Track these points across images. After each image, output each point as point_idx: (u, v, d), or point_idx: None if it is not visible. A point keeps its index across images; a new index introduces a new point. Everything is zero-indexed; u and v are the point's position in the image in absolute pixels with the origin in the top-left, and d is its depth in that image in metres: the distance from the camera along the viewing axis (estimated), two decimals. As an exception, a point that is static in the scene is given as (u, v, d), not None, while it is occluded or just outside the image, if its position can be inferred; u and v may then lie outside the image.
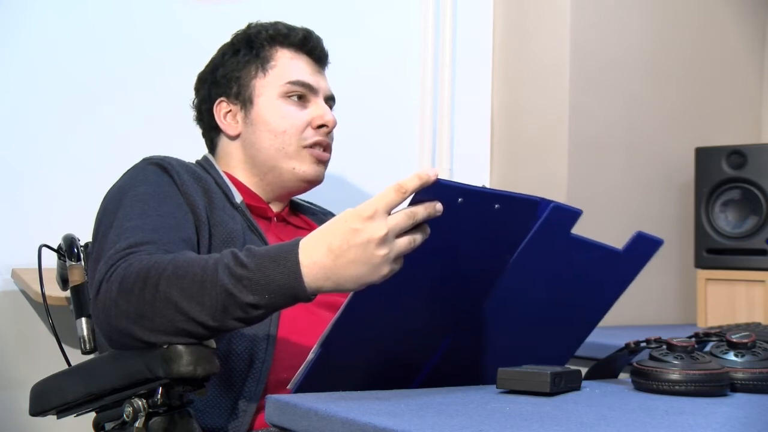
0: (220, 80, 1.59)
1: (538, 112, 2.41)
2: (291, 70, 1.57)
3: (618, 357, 1.29)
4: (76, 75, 1.88)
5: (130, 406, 1.19)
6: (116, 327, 1.17)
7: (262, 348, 1.36)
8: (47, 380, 1.34)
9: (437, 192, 1.05)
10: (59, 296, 1.64)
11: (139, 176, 1.41)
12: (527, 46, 2.44)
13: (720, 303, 2.34)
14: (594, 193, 2.37)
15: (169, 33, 1.99)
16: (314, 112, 1.57)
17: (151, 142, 1.71)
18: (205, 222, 1.39)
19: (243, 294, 1.09)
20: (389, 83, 2.31)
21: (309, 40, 1.60)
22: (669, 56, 2.55)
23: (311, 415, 0.97)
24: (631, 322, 2.31)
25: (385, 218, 1.05)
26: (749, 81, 2.76)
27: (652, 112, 2.52)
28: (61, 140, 1.86)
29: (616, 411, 0.99)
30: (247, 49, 1.58)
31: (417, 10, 2.36)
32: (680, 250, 2.50)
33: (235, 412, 1.34)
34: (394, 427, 0.87)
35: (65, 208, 1.82)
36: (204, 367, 1.15)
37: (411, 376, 1.25)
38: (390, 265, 1.06)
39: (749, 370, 1.15)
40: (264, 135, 1.55)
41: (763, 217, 2.30)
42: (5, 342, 1.81)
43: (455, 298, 1.20)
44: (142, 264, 1.17)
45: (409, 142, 2.35)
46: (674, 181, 2.55)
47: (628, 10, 2.47)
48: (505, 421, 0.92)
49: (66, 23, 1.88)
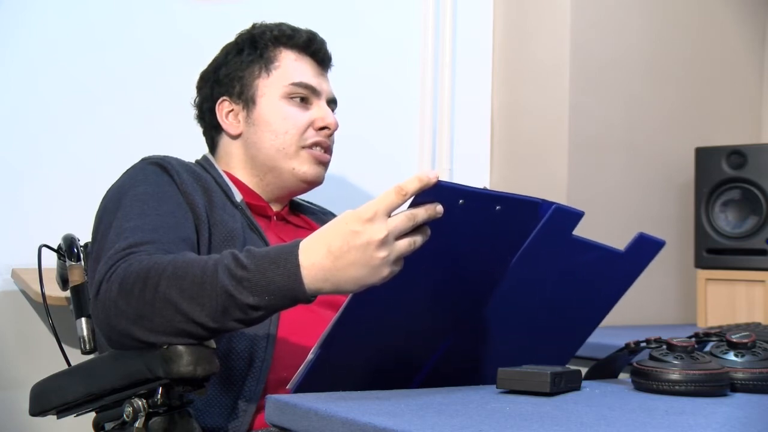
0: (223, 79, 1.59)
1: (538, 112, 2.40)
2: (294, 71, 1.57)
3: (618, 357, 1.29)
4: (76, 75, 1.88)
5: (130, 406, 1.19)
6: (116, 327, 1.17)
7: (261, 347, 1.36)
8: (47, 380, 1.34)
9: (438, 194, 1.05)
10: (59, 296, 1.64)
11: (139, 176, 1.41)
12: (527, 46, 2.44)
13: (720, 303, 2.34)
14: (594, 193, 2.37)
15: (169, 33, 1.99)
16: (316, 114, 1.57)
17: (151, 142, 1.71)
18: (205, 221, 1.39)
19: (243, 295, 1.09)
20: (389, 83, 2.31)
21: (313, 42, 1.60)
22: (669, 56, 2.55)
23: (311, 415, 0.97)
24: (631, 322, 2.31)
25: (385, 220, 1.05)
26: (749, 81, 2.76)
27: (652, 112, 2.52)
28: (61, 140, 1.86)
29: (616, 411, 0.99)
30: (251, 49, 1.58)
31: (417, 10, 2.36)
32: (680, 250, 2.50)
33: (234, 411, 1.34)
34: (394, 427, 0.87)
35: (65, 208, 1.82)
36: (204, 367, 1.15)
37: (411, 377, 1.25)
38: (390, 267, 1.06)
39: (749, 370, 1.15)
40: (265, 135, 1.55)
41: (763, 217, 2.30)
42: (5, 342, 1.81)
43: (456, 300, 1.20)
44: (142, 264, 1.17)
45: (409, 142, 2.35)
46: (674, 181, 2.55)
47: (628, 10, 2.47)
48: (505, 421, 0.92)
49: (66, 23, 1.88)
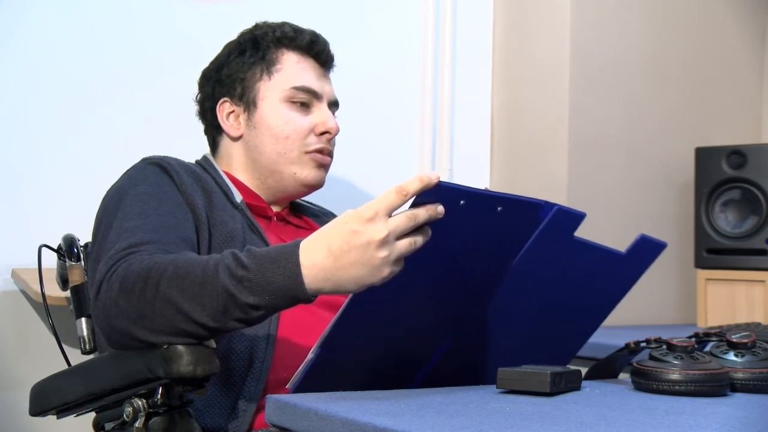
0: (225, 80, 1.58)
1: (538, 112, 2.40)
2: (296, 74, 1.56)
3: (618, 357, 1.29)
4: (76, 75, 1.88)
5: (130, 406, 1.19)
6: (116, 327, 1.17)
7: (261, 347, 1.36)
8: (47, 380, 1.34)
9: (439, 194, 1.05)
10: (59, 296, 1.64)
11: (139, 176, 1.41)
12: (527, 46, 2.44)
13: (720, 303, 2.34)
14: (594, 193, 2.37)
15: (169, 33, 1.99)
16: (317, 119, 1.56)
17: (151, 142, 1.71)
18: (205, 221, 1.39)
19: (243, 295, 1.09)
20: (389, 83, 2.31)
21: (316, 43, 1.60)
22: (669, 56, 2.55)
23: (311, 415, 0.97)
24: (631, 322, 2.31)
25: (385, 220, 1.04)
26: (749, 81, 2.76)
27: (652, 112, 2.51)
28: (61, 140, 1.86)
29: (616, 411, 0.99)
30: (253, 51, 1.57)
31: (417, 10, 2.36)
32: (680, 250, 2.50)
33: (234, 411, 1.34)
34: (394, 427, 0.87)
35: (65, 208, 1.82)
36: (204, 367, 1.15)
37: (411, 376, 1.24)
38: (390, 267, 1.06)
39: (749, 370, 1.15)
40: (266, 139, 1.55)
41: (763, 217, 2.30)
42: (5, 342, 1.81)
43: (457, 300, 1.20)
44: (142, 264, 1.17)
45: (409, 142, 2.35)
46: (674, 181, 2.55)
47: (628, 10, 2.47)
48: (505, 421, 0.92)
49: (66, 23, 1.88)
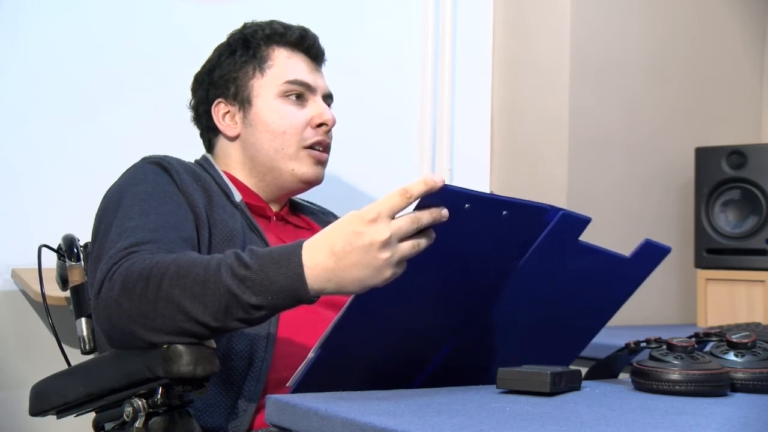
0: (218, 81, 1.59)
1: (538, 112, 2.40)
2: (288, 69, 1.57)
3: (618, 357, 1.29)
4: (76, 75, 1.88)
5: (130, 406, 1.19)
6: (117, 326, 1.17)
7: (261, 347, 1.36)
8: (47, 380, 1.34)
9: (444, 197, 1.04)
10: (59, 296, 1.64)
11: (139, 175, 1.41)
12: (527, 46, 2.44)
13: (720, 303, 2.34)
14: (594, 193, 2.37)
15: (169, 33, 1.99)
16: (313, 111, 1.56)
17: (151, 142, 1.71)
18: (205, 221, 1.39)
19: (246, 295, 1.09)
20: (389, 83, 2.31)
21: (305, 38, 1.60)
22: (669, 56, 2.55)
23: (311, 415, 0.97)
24: (631, 322, 2.31)
25: (388, 222, 1.04)
26: (749, 81, 2.76)
27: (652, 112, 2.51)
28: (61, 140, 1.86)
29: (616, 411, 0.99)
30: (244, 50, 1.58)
31: (417, 10, 2.36)
32: (680, 250, 2.50)
33: (234, 411, 1.34)
34: (394, 427, 0.87)
35: (65, 208, 1.82)
36: (204, 367, 1.15)
37: (413, 378, 1.24)
38: (392, 269, 1.05)
39: (749, 370, 1.15)
40: (263, 136, 1.55)
41: (763, 217, 2.30)
42: (5, 342, 1.81)
43: (460, 303, 1.20)
44: (144, 263, 1.17)
45: (409, 142, 2.35)
46: (674, 181, 2.55)
47: (628, 10, 2.47)
48: (505, 421, 0.92)
49: (66, 24, 1.88)
